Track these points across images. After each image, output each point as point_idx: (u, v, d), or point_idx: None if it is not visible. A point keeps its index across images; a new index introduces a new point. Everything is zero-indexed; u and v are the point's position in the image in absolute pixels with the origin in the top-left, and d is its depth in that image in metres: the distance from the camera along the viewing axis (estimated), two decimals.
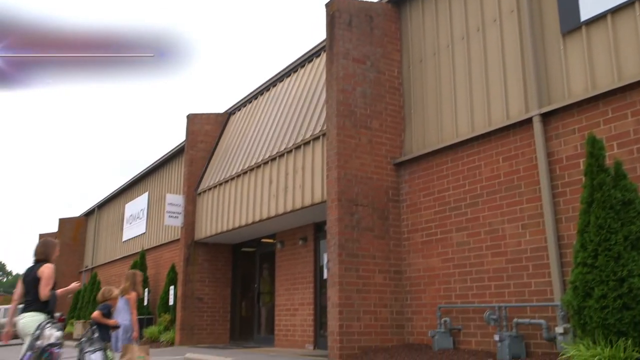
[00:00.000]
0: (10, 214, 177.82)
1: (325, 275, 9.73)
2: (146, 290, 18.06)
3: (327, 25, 10.33)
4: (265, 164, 12.93)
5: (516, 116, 8.20)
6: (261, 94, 15.62)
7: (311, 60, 13.39)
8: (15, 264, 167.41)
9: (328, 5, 10.30)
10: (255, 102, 15.83)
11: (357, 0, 10.39)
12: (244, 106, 16.45)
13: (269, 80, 15.17)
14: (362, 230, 9.41)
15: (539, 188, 7.65)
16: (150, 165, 21.49)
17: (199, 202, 15.85)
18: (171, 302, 15.79)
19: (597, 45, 7.36)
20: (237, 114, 16.72)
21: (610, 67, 7.15)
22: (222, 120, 17.17)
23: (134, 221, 22.50)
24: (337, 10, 10.06)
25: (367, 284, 9.26)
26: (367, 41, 10.30)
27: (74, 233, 30.24)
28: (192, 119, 16.59)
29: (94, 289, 22.75)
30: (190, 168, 16.23)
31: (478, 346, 8.21)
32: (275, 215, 12.10)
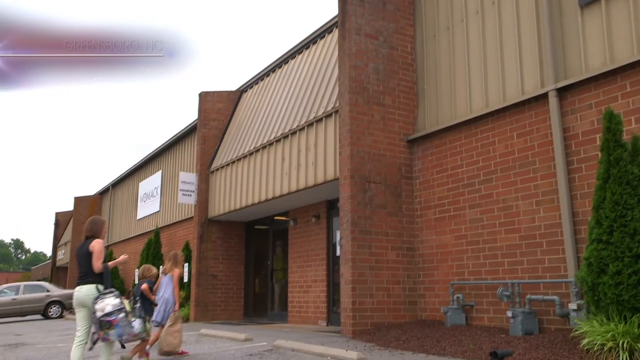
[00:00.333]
0: (28, 194, 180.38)
1: (338, 252, 9.76)
2: (161, 268, 18.27)
3: (338, 0, 10.19)
4: (277, 141, 12.91)
5: (531, 91, 8.07)
6: (273, 71, 15.54)
7: (323, 37, 13.25)
8: (33, 242, 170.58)
9: None
10: (267, 79, 15.76)
11: None
12: (256, 84, 16.38)
13: (280, 58, 15.07)
14: (374, 208, 9.40)
15: (554, 164, 7.56)
16: (163, 143, 21.57)
17: (212, 180, 15.91)
18: (185, 279, 15.96)
19: (616, 17, 7.17)
20: (249, 92, 16.67)
21: (630, 39, 6.98)
22: (234, 98, 17.14)
23: (148, 199, 22.68)
24: None
25: (380, 260, 9.28)
26: (379, 16, 10.16)
27: (89, 211, 30.59)
28: (204, 97, 16.57)
29: None
30: (202, 146, 16.26)
31: (490, 322, 8.23)
32: (287, 193, 12.13)
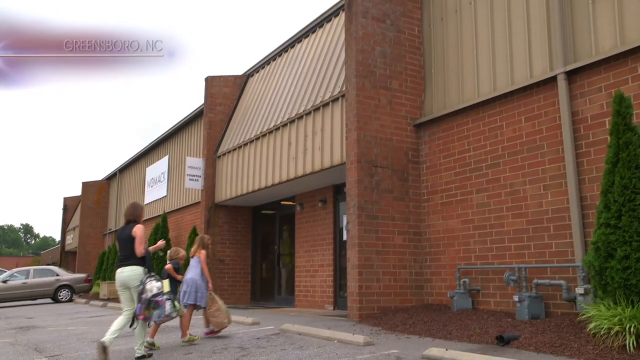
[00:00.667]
0: (37, 180, 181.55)
1: (345, 237, 9.78)
2: (168, 252, 18.35)
3: None
4: (284, 126, 12.88)
5: (540, 75, 7.98)
6: (279, 56, 15.45)
7: (330, 20, 13.15)
8: (42, 227, 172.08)
9: None
10: (273, 63, 15.68)
11: None
12: (262, 68, 16.31)
13: (287, 42, 14.98)
14: (381, 192, 9.39)
15: (562, 148, 7.51)
16: (169, 128, 21.59)
17: (219, 164, 15.93)
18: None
19: None
20: (256, 76, 16.61)
21: None
22: (240, 83, 17.08)
23: (155, 184, 22.76)
24: None
25: (387, 245, 9.29)
26: None
27: (97, 196, 30.79)
28: (210, 81, 16.53)
29: (117, 251, 23.23)
30: (209, 131, 16.26)
31: (497, 307, 8.24)
32: (294, 178, 12.12)
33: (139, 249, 6.37)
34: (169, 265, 7.77)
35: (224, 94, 16.68)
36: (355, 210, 9.12)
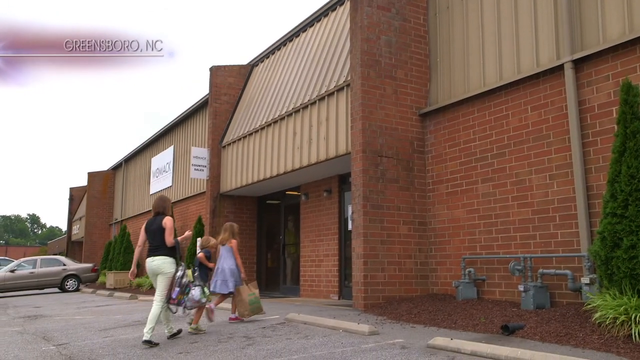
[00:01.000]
0: (43, 170, 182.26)
1: (350, 226, 9.78)
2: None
3: None
4: (289, 116, 12.86)
5: (547, 63, 7.92)
6: (284, 45, 15.39)
7: (335, 9, 13.07)
8: (48, 217, 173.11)
9: None
10: (278, 53, 15.62)
11: None
12: (267, 57, 16.26)
13: (292, 31, 14.91)
14: (386, 182, 9.37)
15: (569, 138, 7.46)
16: (175, 118, 21.59)
17: (224, 154, 15.93)
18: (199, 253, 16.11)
19: None
20: (260, 66, 16.56)
21: None
22: (245, 72, 17.04)
23: (161, 174, 22.81)
24: None
25: (392, 235, 9.29)
26: None
27: (102, 186, 30.89)
28: (215, 71, 16.49)
29: (123, 241, 23.34)
30: (214, 121, 16.25)
31: (502, 296, 8.24)
32: (299, 168, 12.12)
33: (169, 239, 6.78)
34: (201, 254, 8.02)
35: (229, 84, 16.65)
36: (361, 200, 9.12)
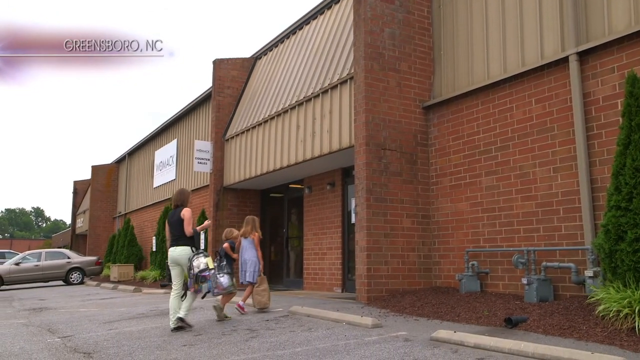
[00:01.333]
0: (47, 163, 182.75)
1: (353, 219, 9.78)
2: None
3: None
4: (292, 109, 12.84)
5: (551, 55, 7.88)
6: (287, 38, 15.34)
7: (338, 2, 13.01)
8: (53, 210, 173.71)
9: None
10: (281, 46, 15.58)
11: None
12: (270, 50, 16.21)
13: (295, 23, 14.86)
14: (390, 175, 9.36)
15: (573, 130, 7.43)
16: (178, 112, 21.58)
17: (227, 148, 15.93)
18: (202, 247, 16.16)
19: None
20: (264, 59, 16.52)
21: None
22: (248, 65, 17.01)
23: (164, 168, 22.83)
24: None
25: (395, 228, 9.29)
26: None
27: (106, 180, 30.95)
28: (218, 64, 16.46)
29: (127, 234, 23.42)
30: (217, 114, 16.24)
31: (505, 289, 8.24)
32: (302, 161, 12.11)
33: (188, 229, 7.17)
34: (226, 244, 8.37)
35: (232, 77, 16.62)
36: (364, 193, 9.11)
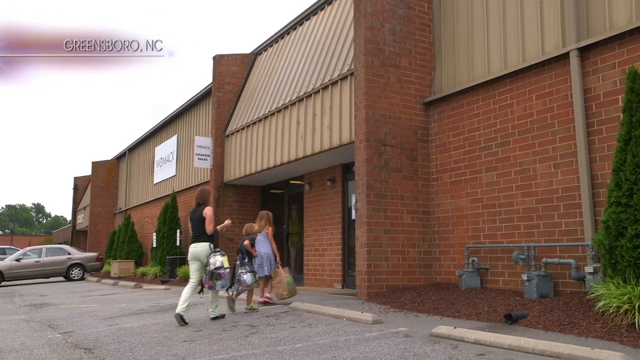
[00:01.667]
0: (48, 159, 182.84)
1: (354, 215, 9.78)
2: (178, 231, 18.52)
3: None
4: (292, 105, 12.82)
5: (552, 51, 7.86)
6: (287, 34, 15.32)
7: None
8: (53, 206, 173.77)
9: None
10: (281, 41, 15.55)
11: None
12: (270, 46, 16.19)
13: (295, 19, 14.82)
14: (390, 171, 9.36)
15: (574, 126, 7.42)
16: (178, 108, 21.56)
17: (227, 144, 15.93)
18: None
19: None
20: (264, 55, 16.50)
21: None
22: (248, 61, 16.98)
23: (164, 164, 22.83)
24: None
25: (395, 224, 9.29)
26: None
27: (106, 176, 30.95)
28: (218, 60, 16.44)
29: (127, 230, 23.44)
30: (217, 110, 16.22)
31: (505, 285, 8.25)
32: (303, 157, 12.10)
33: (209, 227, 7.44)
34: (247, 242, 8.51)
35: (232, 73, 16.60)
36: (364, 189, 9.11)
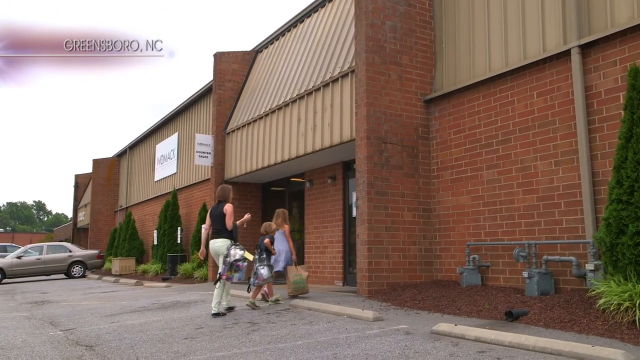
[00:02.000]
0: (49, 157, 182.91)
1: (355, 213, 9.78)
2: (179, 229, 18.53)
3: None
4: (293, 102, 12.82)
5: (553, 48, 7.85)
6: (288, 31, 15.30)
7: None
8: (54, 204, 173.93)
9: None
10: (282, 39, 15.54)
11: None
12: (271, 43, 16.17)
13: (296, 16, 14.81)
14: (391, 169, 9.36)
15: (574, 124, 7.41)
16: (179, 105, 21.56)
17: (228, 141, 15.93)
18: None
19: None
20: (265, 52, 16.48)
21: None
22: (249, 59, 16.97)
23: (165, 161, 22.84)
24: None
25: (396, 221, 9.29)
26: None
27: (107, 173, 30.97)
28: (219, 57, 16.43)
29: (129, 228, 23.46)
30: (218, 107, 16.22)
31: (506, 283, 8.25)
32: (304, 154, 12.10)
33: (229, 223, 7.78)
34: (267, 240, 8.61)
35: (233, 70, 16.59)
36: (365, 187, 9.11)
